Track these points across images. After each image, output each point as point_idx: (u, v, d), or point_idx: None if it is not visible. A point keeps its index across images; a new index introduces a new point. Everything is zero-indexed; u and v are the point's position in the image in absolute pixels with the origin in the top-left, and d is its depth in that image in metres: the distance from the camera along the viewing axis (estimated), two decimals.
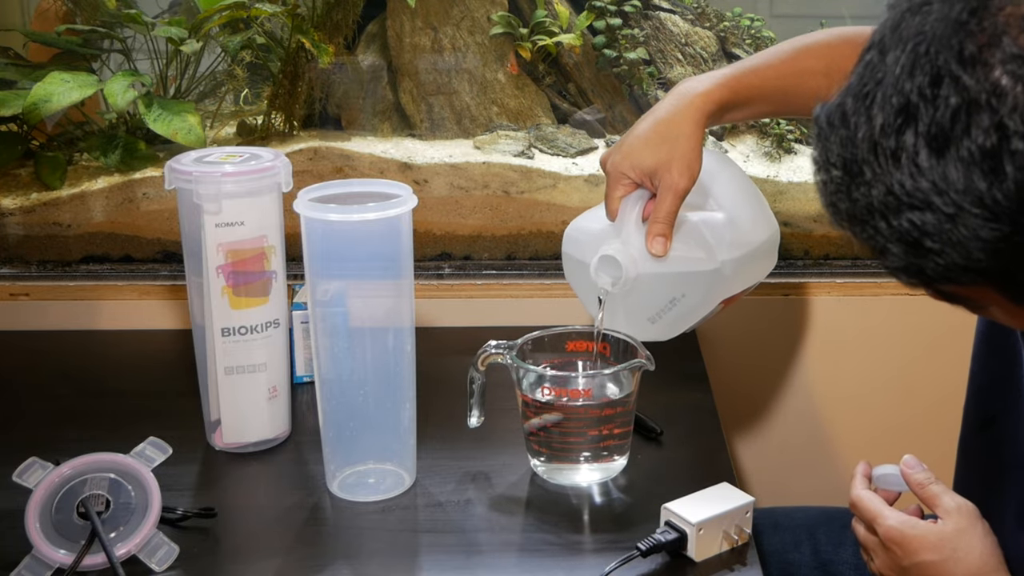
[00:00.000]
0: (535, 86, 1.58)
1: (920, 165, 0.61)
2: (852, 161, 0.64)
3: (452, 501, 1.02)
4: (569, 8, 1.58)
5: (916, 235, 0.62)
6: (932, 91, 0.60)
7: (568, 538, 0.96)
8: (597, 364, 1.08)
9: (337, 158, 1.48)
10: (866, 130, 0.63)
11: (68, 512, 0.90)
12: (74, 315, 1.43)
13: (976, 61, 0.59)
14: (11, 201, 1.47)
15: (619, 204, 1.08)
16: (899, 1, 0.64)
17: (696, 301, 1.09)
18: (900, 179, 0.62)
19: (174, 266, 1.48)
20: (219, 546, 0.96)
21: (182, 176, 1.04)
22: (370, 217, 0.97)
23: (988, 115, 0.59)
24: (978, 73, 0.59)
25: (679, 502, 0.94)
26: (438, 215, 1.48)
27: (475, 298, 1.46)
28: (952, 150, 0.60)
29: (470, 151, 1.52)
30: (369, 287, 1.03)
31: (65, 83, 1.39)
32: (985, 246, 0.61)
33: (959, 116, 0.59)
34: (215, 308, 1.06)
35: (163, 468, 0.93)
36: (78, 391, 1.26)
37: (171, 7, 1.61)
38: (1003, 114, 0.58)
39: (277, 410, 1.11)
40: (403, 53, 1.56)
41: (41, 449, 0.94)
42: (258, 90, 1.63)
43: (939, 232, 0.61)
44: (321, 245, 1.00)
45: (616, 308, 1.10)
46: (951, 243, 0.61)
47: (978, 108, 0.59)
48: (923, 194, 0.61)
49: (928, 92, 0.60)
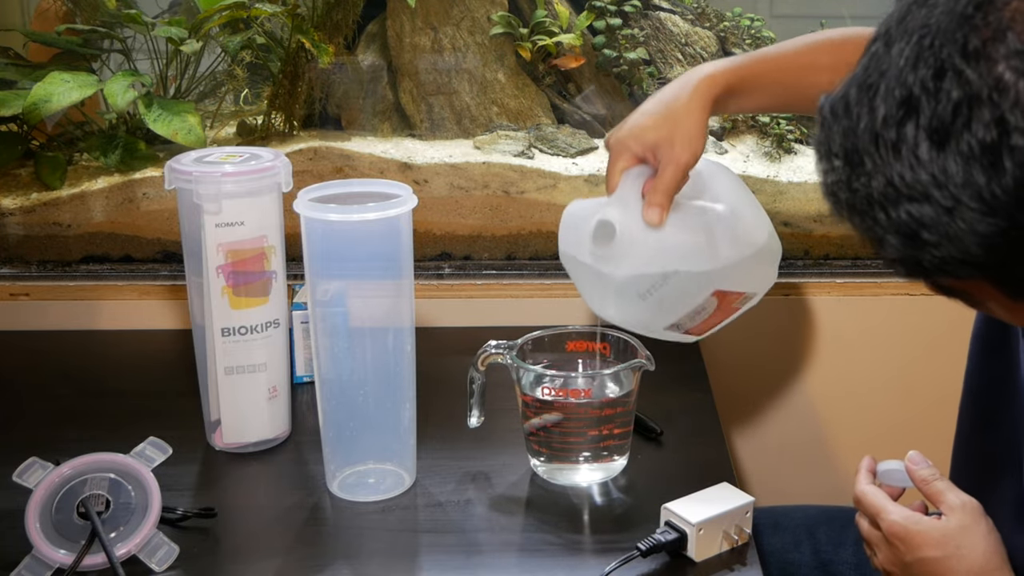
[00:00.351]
0: (535, 86, 1.58)
1: (920, 157, 0.61)
2: (853, 151, 0.64)
3: (452, 501, 1.02)
4: (569, 8, 1.58)
5: (914, 227, 0.62)
6: (935, 84, 0.60)
7: (568, 538, 0.96)
8: (597, 364, 1.08)
9: (337, 158, 1.48)
10: (868, 121, 0.63)
11: (68, 512, 0.90)
12: (74, 315, 1.43)
13: (980, 55, 0.59)
14: (11, 201, 1.47)
15: (619, 178, 1.07)
16: None
17: (688, 282, 1.07)
18: (900, 171, 0.62)
19: (174, 266, 1.48)
20: (219, 546, 0.96)
21: (182, 176, 1.04)
22: (370, 217, 0.97)
23: (989, 110, 0.58)
24: (981, 67, 0.59)
25: (679, 502, 0.94)
26: (438, 215, 1.48)
27: (475, 298, 1.46)
28: (952, 144, 0.60)
29: (470, 151, 1.52)
30: (369, 287, 1.03)
31: (65, 83, 1.39)
32: (982, 240, 0.61)
33: (960, 110, 0.59)
34: (215, 308, 1.06)
35: (163, 468, 0.93)
36: (78, 391, 1.26)
37: (171, 7, 1.61)
38: (1004, 109, 0.58)
39: (277, 410, 1.12)
40: (403, 53, 1.56)
41: (41, 449, 0.94)
42: (258, 90, 1.63)
43: (936, 225, 0.61)
44: (321, 245, 1.00)
45: (607, 279, 1.08)
46: (948, 236, 0.61)
47: (979, 103, 0.59)
48: (922, 186, 0.61)
49: (931, 85, 0.60)
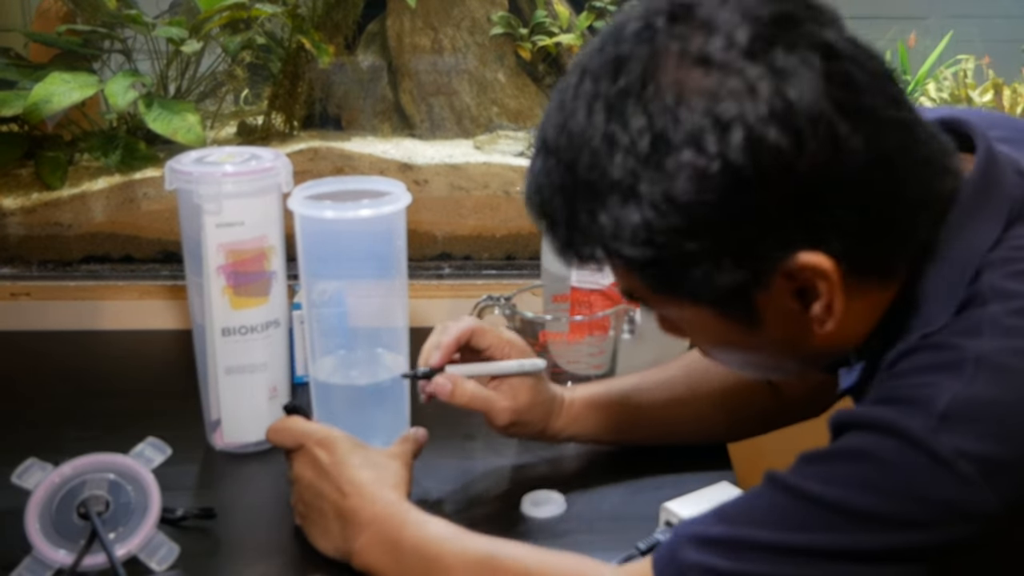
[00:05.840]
0: (535, 86, 1.58)
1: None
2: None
3: (448, 500, 1.02)
4: (569, 8, 1.58)
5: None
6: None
7: (568, 538, 0.96)
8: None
9: (337, 158, 1.48)
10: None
11: (68, 513, 0.90)
12: (74, 315, 1.43)
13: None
14: (12, 201, 1.47)
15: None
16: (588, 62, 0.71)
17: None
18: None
19: (174, 266, 1.48)
20: (219, 546, 0.96)
21: (182, 176, 1.04)
22: (364, 215, 0.97)
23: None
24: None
25: (679, 501, 0.94)
26: (438, 215, 1.48)
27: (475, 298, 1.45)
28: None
29: (470, 151, 1.52)
30: (363, 286, 1.03)
31: (66, 83, 1.39)
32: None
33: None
34: (215, 308, 1.06)
35: (163, 468, 0.93)
36: (78, 391, 1.26)
37: (171, 7, 1.62)
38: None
39: (277, 410, 1.11)
40: (403, 53, 1.56)
41: (41, 449, 0.94)
42: (258, 90, 1.63)
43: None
44: (315, 243, 1.00)
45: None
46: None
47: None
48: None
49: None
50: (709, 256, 0.68)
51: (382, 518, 0.88)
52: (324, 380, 1.04)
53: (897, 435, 0.67)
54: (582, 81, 0.70)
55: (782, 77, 0.66)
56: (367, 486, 0.90)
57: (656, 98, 0.67)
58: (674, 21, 0.68)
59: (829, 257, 0.69)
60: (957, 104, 1.55)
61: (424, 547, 0.86)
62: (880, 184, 0.69)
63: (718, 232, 0.67)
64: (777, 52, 0.67)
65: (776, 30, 0.67)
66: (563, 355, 1.15)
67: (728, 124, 0.65)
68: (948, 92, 1.57)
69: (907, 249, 0.73)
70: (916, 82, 1.58)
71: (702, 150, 0.66)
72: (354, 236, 1.01)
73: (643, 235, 0.68)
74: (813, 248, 0.68)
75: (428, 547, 0.85)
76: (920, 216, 0.72)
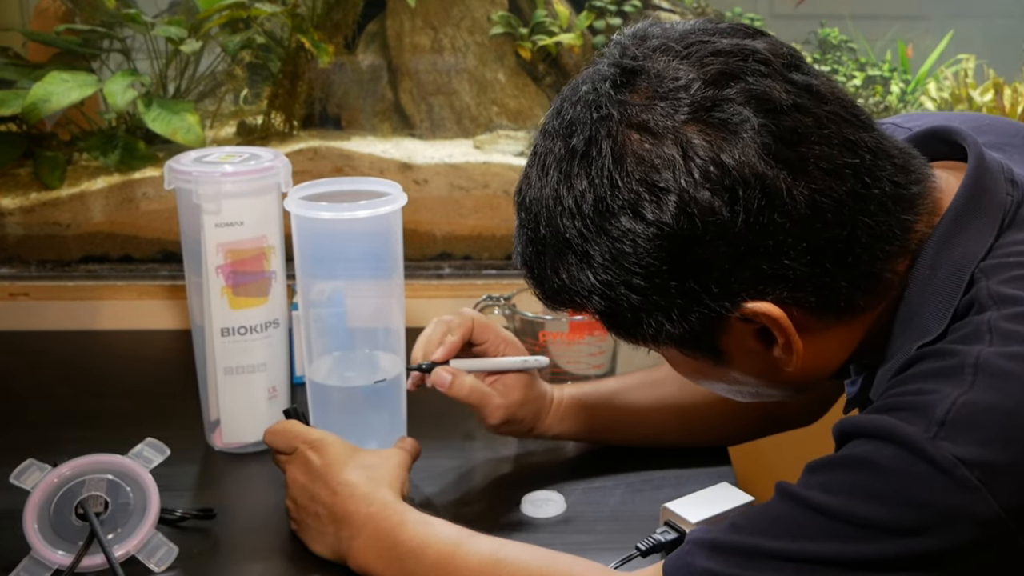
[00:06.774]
0: (535, 86, 1.58)
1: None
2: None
3: (446, 500, 1.02)
4: (569, 8, 1.58)
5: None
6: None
7: (568, 538, 0.96)
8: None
9: (337, 158, 1.48)
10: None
11: (66, 513, 0.90)
12: (74, 315, 1.43)
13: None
14: (10, 201, 1.47)
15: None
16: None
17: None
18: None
19: (174, 266, 1.48)
20: (219, 546, 0.96)
21: (182, 176, 1.04)
22: (361, 215, 0.97)
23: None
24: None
25: (679, 502, 0.94)
26: (438, 215, 1.48)
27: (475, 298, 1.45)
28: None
29: (470, 151, 1.52)
30: (360, 286, 1.03)
31: (64, 83, 1.39)
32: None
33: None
34: (214, 308, 1.05)
35: (163, 468, 0.93)
36: (78, 391, 1.26)
37: (171, 7, 1.61)
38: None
39: (277, 410, 1.11)
40: (403, 53, 1.55)
41: (40, 449, 0.94)
42: (258, 90, 1.63)
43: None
44: (311, 243, 1.00)
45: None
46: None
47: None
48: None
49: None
50: (658, 308, 0.72)
51: (378, 519, 0.88)
52: (321, 381, 1.04)
53: (897, 442, 0.67)
54: (544, 140, 0.75)
55: (717, 140, 0.68)
56: (360, 487, 0.90)
57: (598, 163, 0.70)
58: (618, 87, 0.72)
59: (778, 304, 0.71)
60: (957, 104, 1.55)
61: (425, 549, 0.85)
62: (829, 230, 0.70)
63: (663, 288, 0.71)
64: (714, 114, 0.69)
65: (715, 91, 0.69)
66: (563, 355, 1.15)
67: (663, 190, 0.68)
68: (949, 92, 1.57)
69: (868, 285, 0.73)
70: (916, 82, 1.58)
71: (639, 216, 0.69)
72: (350, 237, 1.01)
73: (597, 290, 0.73)
74: (759, 298, 0.71)
75: (429, 549, 0.85)
76: (881, 252, 0.72)
